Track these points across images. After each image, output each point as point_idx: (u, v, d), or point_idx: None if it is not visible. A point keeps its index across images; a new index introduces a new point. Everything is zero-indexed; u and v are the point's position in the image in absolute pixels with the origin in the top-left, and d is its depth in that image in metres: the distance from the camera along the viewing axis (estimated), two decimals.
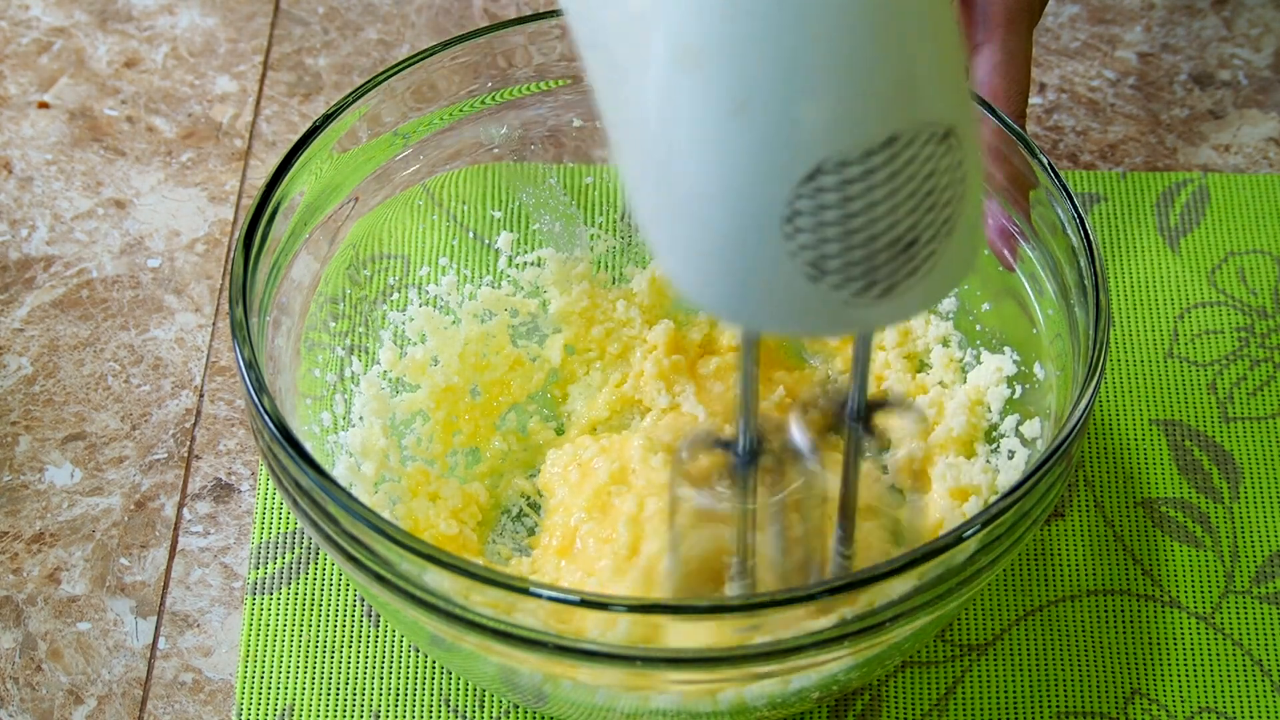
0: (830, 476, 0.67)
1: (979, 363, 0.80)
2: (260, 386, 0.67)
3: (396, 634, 0.77)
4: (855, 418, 0.64)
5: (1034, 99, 0.96)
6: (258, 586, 0.78)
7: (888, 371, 0.81)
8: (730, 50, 0.52)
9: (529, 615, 0.64)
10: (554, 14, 0.78)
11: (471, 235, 0.84)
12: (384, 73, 0.76)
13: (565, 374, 0.83)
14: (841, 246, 0.54)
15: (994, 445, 0.77)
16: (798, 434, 0.65)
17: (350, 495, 0.65)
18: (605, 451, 0.78)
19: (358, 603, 0.78)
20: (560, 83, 0.80)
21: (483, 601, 0.64)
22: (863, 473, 0.67)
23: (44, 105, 0.95)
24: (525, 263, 0.84)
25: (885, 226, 0.54)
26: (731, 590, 0.69)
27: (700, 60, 0.52)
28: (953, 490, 0.77)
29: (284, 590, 0.78)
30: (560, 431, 0.82)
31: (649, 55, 0.53)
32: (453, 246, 0.83)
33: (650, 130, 0.54)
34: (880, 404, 0.65)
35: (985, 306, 0.79)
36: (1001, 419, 0.78)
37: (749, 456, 0.64)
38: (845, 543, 0.68)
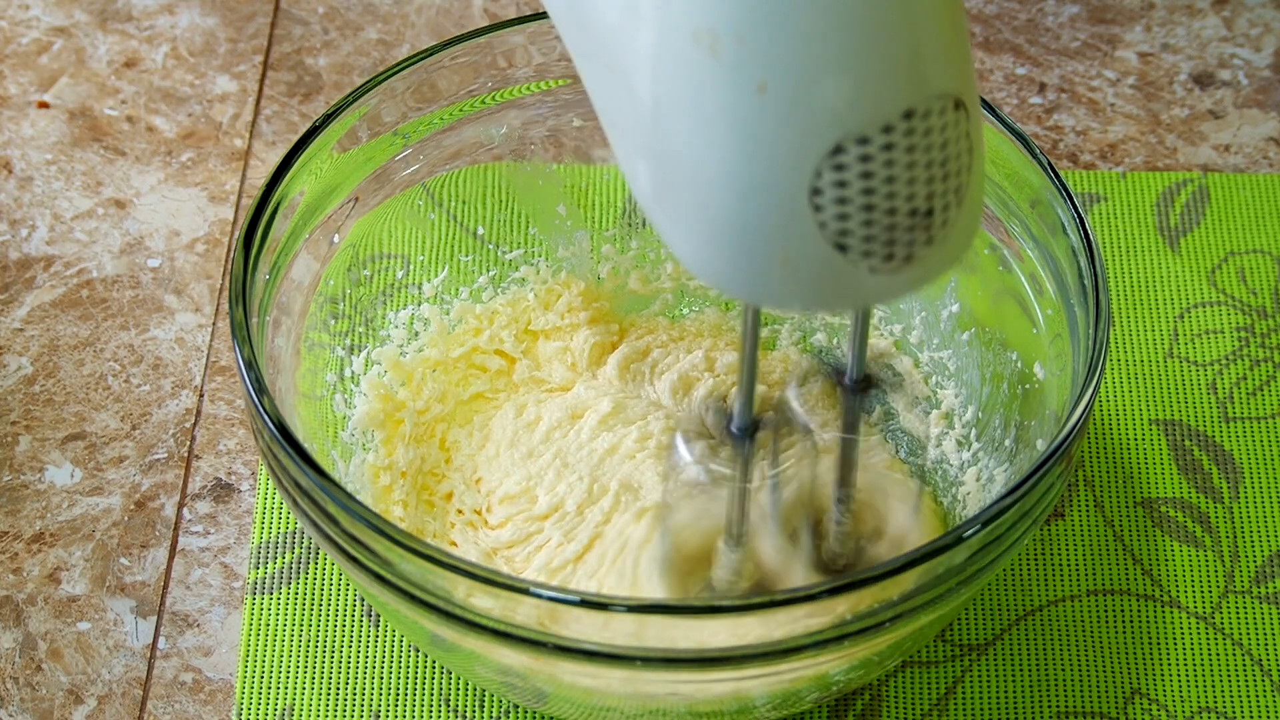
0: (827, 452, 0.69)
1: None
2: (260, 386, 0.67)
3: (396, 634, 0.77)
4: (853, 388, 0.66)
5: (1034, 99, 0.96)
6: (258, 586, 0.78)
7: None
8: (750, 32, 0.53)
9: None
10: None
11: (471, 235, 0.84)
12: (384, 73, 0.76)
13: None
14: (865, 219, 0.55)
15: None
16: (795, 406, 0.67)
17: (350, 495, 0.65)
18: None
19: (358, 603, 0.78)
20: (560, 82, 0.80)
21: (480, 600, 0.64)
22: (866, 449, 0.68)
23: (44, 105, 0.95)
24: (522, 262, 0.84)
25: (905, 197, 0.55)
26: (721, 564, 0.70)
27: (719, 43, 0.53)
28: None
29: (284, 590, 0.78)
30: None
31: (650, 43, 0.54)
32: (453, 246, 0.83)
33: (652, 122, 0.55)
34: (876, 377, 0.67)
35: (986, 306, 0.80)
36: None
37: (746, 433, 0.66)
38: (844, 513, 0.70)
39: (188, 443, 0.83)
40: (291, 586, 0.78)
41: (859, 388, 0.67)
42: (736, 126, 0.54)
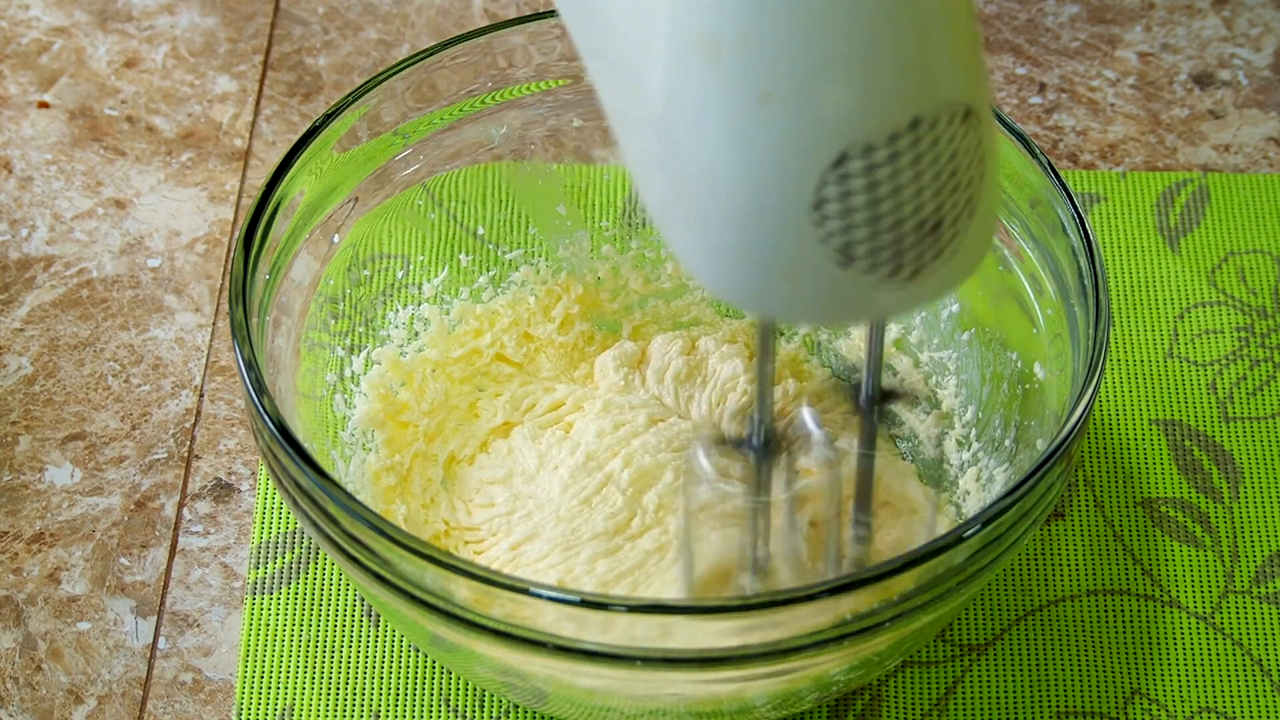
0: (846, 468, 0.68)
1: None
2: (260, 387, 0.67)
3: (396, 634, 0.77)
4: (869, 405, 0.65)
5: (1034, 99, 0.96)
6: (258, 586, 0.78)
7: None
8: (753, 40, 0.52)
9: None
10: (554, 14, 0.78)
11: (471, 235, 0.84)
12: (384, 73, 0.76)
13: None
14: (870, 231, 0.54)
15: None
16: (811, 423, 0.65)
17: (350, 495, 0.65)
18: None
19: (358, 603, 0.78)
20: (560, 82, 0.80)
21: (475, 599, 0.64)
22: (885, 463, 0.67)
23: (44, 105, 0.95)
24: (522, 262, 0.84)
25: (912, 209, 0.54)
26: (745, 585, 0.70)
27: (720, 51, 0.52)
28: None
29: (284, 590, 0.78)
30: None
31: (658, 49, 0.53)
32: (453, 246, 0.83)
33: (659, 126, 0.54)
34: (892, 393, 0.66)
35: (986, 306, 0.80)
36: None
37: (763, 451, 0.65)
38: (862, 532, 0.69)
39: (188, 443, 0.83)
40: (291, 586, 0.78)
41: (876, 405, 0.65)
42: (740, 135, 0.53)
